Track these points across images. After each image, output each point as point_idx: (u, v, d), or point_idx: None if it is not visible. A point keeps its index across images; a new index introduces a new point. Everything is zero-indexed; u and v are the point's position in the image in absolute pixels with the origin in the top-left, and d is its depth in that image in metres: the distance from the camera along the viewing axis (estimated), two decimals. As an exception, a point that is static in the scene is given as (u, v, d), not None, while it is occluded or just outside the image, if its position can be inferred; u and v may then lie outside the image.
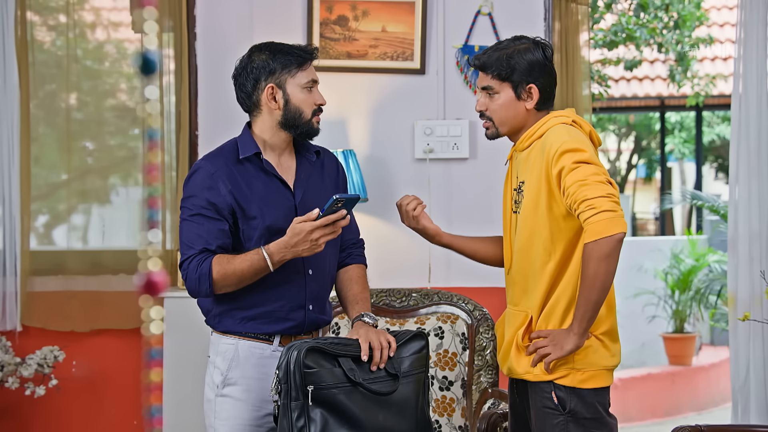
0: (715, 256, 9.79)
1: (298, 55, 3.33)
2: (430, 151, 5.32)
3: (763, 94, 5.20)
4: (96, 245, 5.62)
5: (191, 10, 5.46)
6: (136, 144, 5.77)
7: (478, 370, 4.32)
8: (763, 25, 5.23)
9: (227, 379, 3.32)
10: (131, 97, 5.74)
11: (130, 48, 5.76)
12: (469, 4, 5.38)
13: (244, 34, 5.43)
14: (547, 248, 3.24)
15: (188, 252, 3.23)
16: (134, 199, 5.78)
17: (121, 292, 5.42)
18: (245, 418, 3.31)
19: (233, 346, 3.32)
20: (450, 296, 4.44)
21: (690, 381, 9.61)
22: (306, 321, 3.34)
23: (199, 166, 3.34)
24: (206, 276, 3.19)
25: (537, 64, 3.28)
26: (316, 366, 3.10)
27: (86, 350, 5.46)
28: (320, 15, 5.36)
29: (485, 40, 5.37)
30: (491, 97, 3.32)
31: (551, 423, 3.24)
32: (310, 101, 3.34)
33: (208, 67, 5.47)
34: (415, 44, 5.34)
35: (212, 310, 3.36)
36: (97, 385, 5.48)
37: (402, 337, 3.32)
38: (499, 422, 3.86)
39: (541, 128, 3.29)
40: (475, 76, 5.35)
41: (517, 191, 3.37)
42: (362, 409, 3.15)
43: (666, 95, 12.57)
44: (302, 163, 3.43)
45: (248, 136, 3.38)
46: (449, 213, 5.35)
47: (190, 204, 3.27)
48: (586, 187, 3.06)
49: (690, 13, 9.85)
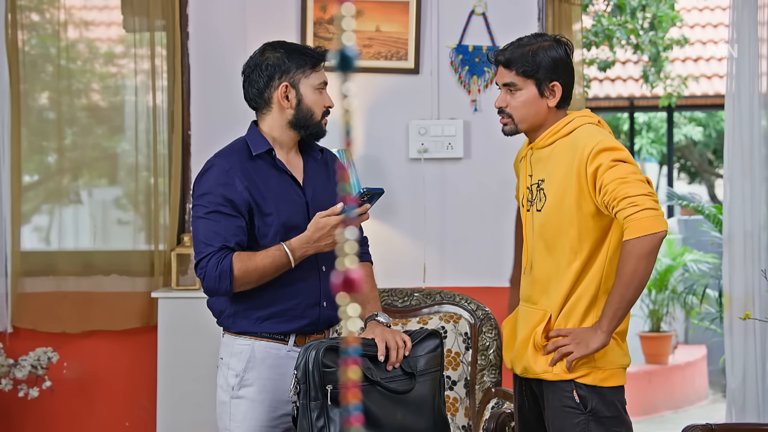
0: (692, 255, 9.86)
1: (312, 56, 3.32)
2: (424, 151, 5.32)
3: (755, 94, 5.24)
4: (88, 246, 5.56)
5: (183, 9, 5.43)
6: (109, 144, 5.71)
7: (481, 370, 4.32)
8: (755, 25, 5.27)
9: (243, 380, 3.30)
10: (104, 97, 5.68)
11: (103, 47, 5.69)
12: (462, 4, 5.39)
13: (237, 33, 5.41)
14: (573, 247, 3.23)
15: (206, 250, 3.20)
16: (106, 200, 5.71)
17: (113, 293, 5.38)
18: (261, 419, 3.29)
19: (249, 347, 3.30)
20: (452, 296, 4.44)
21: (666, 379, 9.67)
22: (320, 318, 3.33)
23: (212, 163, 3.32)
24: (227, 273, 3.16)
25: (561, 62, 3.28)
26: (335, 365, 3.09)
27: (78, 352, 5.41)
28: (314, 14, 5.34)
29: (479, 40, 5.38)
30: (513, 93, 3.31)
31: (572, 422, 3.24)
32: (321, 103, 3.34)
33: (201, 67, 5.44)
34: (409, 44, 5.34)
35: (225, 311, 3.33)
36: (88, 386, 5.43)
37: (417, 336, 3.32)
38: (507, 422, 3.86)
39: (566, 126, 3.28)
40: (469, 76, 5.36)
41: (532, 189, 3.36)
42: (381, 408, 3.15)
43: (638, 96, 12.65)
44: (308, 161, 3.43)
45: (257, 133, 3.37)
46: (444, 212, 5.36)
47: (206, 201, 3.25)
48: (627, 185, 3.06)
49: (665, 14, 9.91)
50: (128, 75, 5.53)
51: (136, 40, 5.45)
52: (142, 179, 5.46)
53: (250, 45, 5.38)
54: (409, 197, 5.33)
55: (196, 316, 5.10)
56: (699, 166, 17.47)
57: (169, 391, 5.11)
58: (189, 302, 5.13)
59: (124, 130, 5.60)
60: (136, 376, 5.41)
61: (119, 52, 5.65)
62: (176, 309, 5.13)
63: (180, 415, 5.10)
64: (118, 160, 5.68)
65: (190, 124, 5.42)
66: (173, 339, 5.11)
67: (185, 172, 5.41)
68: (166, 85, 5.42)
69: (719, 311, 8.34)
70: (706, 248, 9.81)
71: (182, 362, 5.10)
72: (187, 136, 5.42)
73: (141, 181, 5.47)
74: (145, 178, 5.45)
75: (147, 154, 5.42)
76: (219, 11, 5.45)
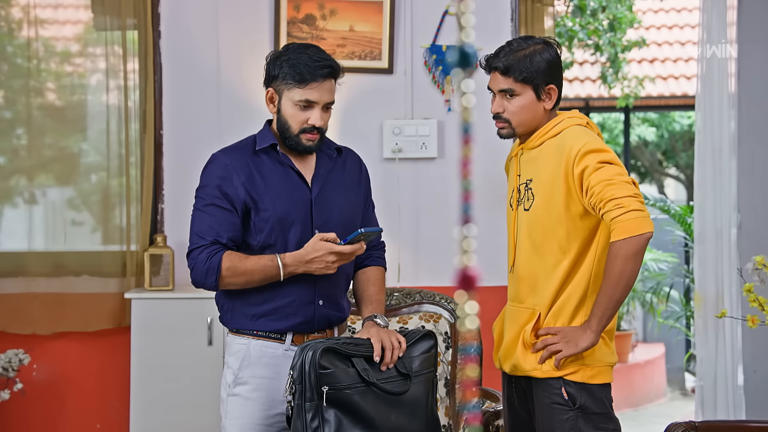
0: (651, 254, 9.95)
1: (300, 72, 3.21)
2: (398, 151, 5.33)
3: (725, 96, 5.30)
4: (59, 247, 5.49)
5: (155, 8, 5.38)
6: (66, 144, 5.64)
7: (461, 369, 4.32)
8: (724, 27, 5.33)
9: (238, 378, 3.29)
10: (60, 96, 5.61)
11: (58, 46, 5.61)
12: (436, 4, 5.40)
13: (210, 32, 5.38)
14: (562, 246, 3.27)
15: (198, 242, 3.24)
16: (61, 199, 5.65)
17: (84, 294, 5.32)
18: (255, 417, 3.28)
19: (245, 345, 3.30)
20: (432, 295, 4.44)
21: (626, 377, 9.74)
22: (316, 317, 3.31)
23: (215, 157, 3.35)
24: (214, 270, 3.19)
25: (554, 64, 3.31)
26: (331, 366, 3.09)
27: (48, 353, 5.35)
28: (287, 14, 5.32)
29: (453, 41, 5.39)
30: (510, 99, 3.33)
31: (560, 419, 3.27)
32: (300, 119, 3.25)
33: (173, 66, 5.40)
34: (383, 44, 5.34)
35: (225, 306, 3.35)
36: (59, 388, 5.37)
37: (411, 337, 3.32)
38: (491, 420, 3.87)
39: (554, 128, 3.31)
40: (443, 76, 5.37)
41: (520, 189, 3.38)
42: (375, 409, 3.15)
43: (595, 96, 12.74)
44: (322, 158, 3.40)
45: (267, 130, 3.37)
46: (417, 212, 5.37)
47: (204, 194, 3.28)
48: (613, 187, 3.09)
49: (624, 15, 10.00)
50: (97, 74, 5.47)
51: (108, 39, 5.40)
52: (114, 179, 5.41)
53: (223, 44, 5.37)
54: (383, 197, 5.32)
55: (169, 316, 5.08)
56: (650, 166, 17.63)
57: (142, 393, 5.07)
58: (163, 303, 5.09)
59: (95, 130, 5.53)
60: (108, 377, 5.36)
61: (87, 51, 5.57)
62: (150, 310, 5.09)
63: (153, 416, 5.06)
64: (89, 160, 5.62)
65: (162, 123, 5.38)
66: (147, 340, 5.07)
67: (158, 171, 5.37)
68: (138, 84, 5.37)
69: (684, 310, 8.42)
70: (667, 247, 9.90)
71: (156, 363, 5.07)
72: (160, 135, 5.38)
73: (113, 181, 5.41)
74: (117, 177, 5.40)
75: (119, 154, 5.37)
76: (191, 10, 5.41)
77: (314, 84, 3.23)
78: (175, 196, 5.37)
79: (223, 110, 5.38)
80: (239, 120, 5.32)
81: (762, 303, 4.07)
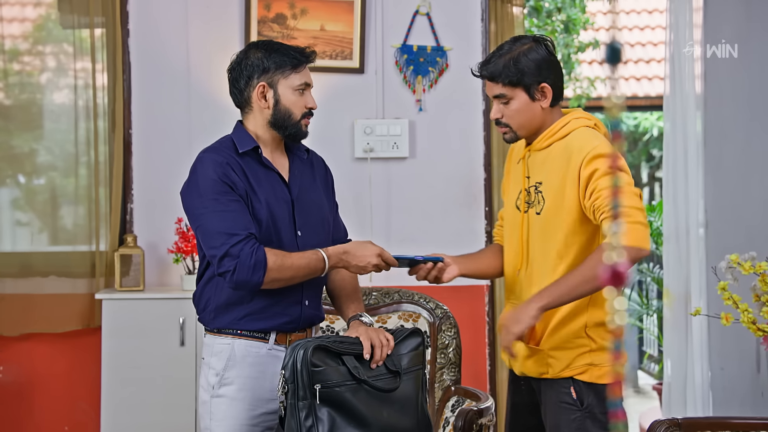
0: (606, 253, 10.00)
1: (294, 56, 3.28)
2: (370, 150, 5.33)
3: (691, 95, 5.36)
4: (25, 248, 5.42)
5: (124, 6, 5.34)
6: (47, 141, 5.57)
7: (440, 368, 4.33)
8: (690, 28, 5.39)
9: (223, 379, 3.26)
10: (8, 94, 5.52)
11: (7, 44, 5.53)
12: (407, 4, 5.41)
13: (179, 31, 5.35)
14: (560, 251, 3.24)
15: (232, 240, 3.10)
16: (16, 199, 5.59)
17: (52, 295, 5.26)
18: (241, 417, 3.25)
19: (229, 345, 3.26)
20: (411, 294, 4.45)
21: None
22: (302, 316, 3.30)
23: (204, 157, 3.24)
24: (262, 264, 3.09)
25: (544, 62, 3.26)
26: (322, 364, 3.08)
27: (15, 355, 5.28)
28: (258, 13, 5.31)
29: (423, 40, 5.40)
30: (505, 103, 3.29)
31: (568, 418, 3.27)
32: (301, 104, 3.30)
33: (142, 65, 5.36)
34: (354, 43, 5.34)
35: (209, 305, 3.27)
36: (26, 390, 5.31)
37: (399, 334, 3.32)
38: (474, 419, 3.88)
39: (561, 129, 3.28)
40: (414, 76, 5.38)
41: (530, 191, 3.33)
42: (367, 407, 3.14)
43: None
44: (294, 160, 3.40)
45: (243, 131, 3.32)
46: (389, 212, 5.37)
47: (212, 193, 3.15)
48: (621, 195, 3.06)
49: (578, 17, 10.09)
50: (67, 72, 5.41)
51: (76, 38, 5.34)
52: (81, 178, 5.36)
53: (192, 43, 5.34)
54: (354, 196, 5.33)
55: (141, 317, 5.04)
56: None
57: (113, 394, 5.02)
58: (134, 303, 5.05)
59: (61, 128, 5.46)
60: (77, 379, 5.30)
61: (37, 49, 5.51)
62: (121, 310, 5.05)
63: (124, 417, 5.02)
64: (49, 159, 5.55)
65: (132, 122, 5.34)
66: (118, 341, 5.02)
67: (126, 171, 5.32)
68: (107, 83, 5.32)
69: (644, 307, 8.50)
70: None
71: (127, 364, 5.02)
72: (129, 134, 5.33)
73: (81, 180, 5.36)
74: (85, 177, 5.34)
75: (87, 153, 5.32)
76: (160, 8, 5.37)
77: (304, 66, 3.30)
78: (145, 196, 5.33)
79: (193, 109, 5.35)
80: (209, 119, 5.29)
81: (736, 301, 4.12)
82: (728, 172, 5.44)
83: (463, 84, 5.42)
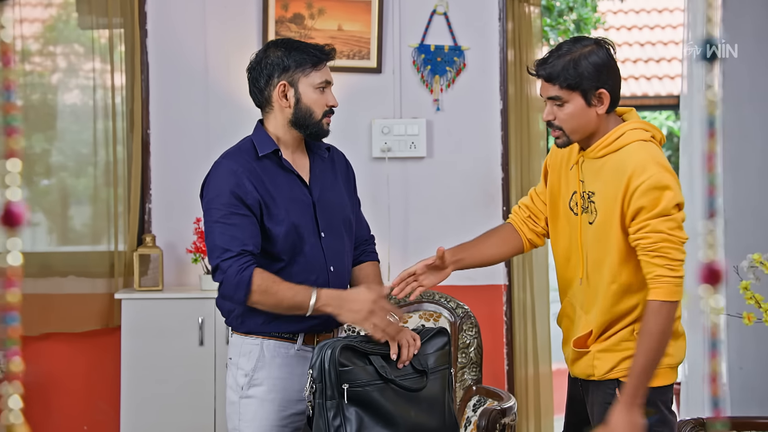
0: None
1: (314, 54, 3.27)
2: (387, 150, 5.33)
3: (709, 95, 5.35)
4: (44, 248, 5.43)
5: (142, 6, 5.34)
6: (66, 142, 5.57)
7: (462, 368, 4.33)
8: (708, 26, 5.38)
9: (253, 380, 3.25)
10: (19, 95, 5.53)
11: (17, 45, 5.52)
12: (424, 3, 5.42)
13: (197, 31, 5.36)
14: (613, 272, 3.16)
15: (224, 255, 3.13)
16: (63, 200, 5.59)
17: (71, 295, 5.27)
18: (271, 418, 3.25)
19: (258, 346, 3.26)
20: (432, 294, 4.44)
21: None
22: (330, 318, 3.30)
23: (219, 164, 3.25)
24: (245, 284, 3.10)
25: (604, 67, 3.09)
26: (350, 364, 3.07)
27: (35, 355, 5.29)
28: (276, 13, 5.31)
29: (441, 40, 5.40)
30: (559, 106, 3.11)
31: None
32: (322, 102, 3.29)
33: (160, 65, 5.37)
34: (372, 43, 5.34)
35: (234, 311, 3.27)
36: (46, 390, 5.31)
37: (425, 334, 3.31)
38: (498, 419, 3.88)
39: (616, 141, 3.13)
40: (431, 75, 5.38)
41: (584, 197, 3.22)
42: (395, 406, 3.14)
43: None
44: (315, 159, 3.39)
45: (263, 133, 3.31)
46: (406, 211, 5.37)
47: (219, 204, 3.17)
48: (671, 245, 3.00)
49: (589, 16, 10.09)
50: (86, 73, 5.41)
51: (95, 39, 5.35)
52: (99, 178, 5.36)
53: (210, 43, 5.35)
54: (372, 196, 5.32)
55: (160, 317, 5.04)
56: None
57: (133, 394, 5.03)
58: (153, 303, 5.06)
59: (82, 128, 5.47)
60: (96, 378, 5.31)
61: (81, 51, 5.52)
62: (140, 310, 5.05)
63: (144, 417, 5.02)
64: (75, 159, 5.55)
65: (150, 122, 5.34)
66: (137, 341, 5.03)
67: (145, 171, 5.33)
68: (125, 84, 5.32)
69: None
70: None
71: (146, 364, 5.03)
72: (147, 134, 5.34)
73: (99, 180, 5.36)
74: (103, 177, 5.34)
75: (105, 153, 5.32)
76: (178, 8, 5.38)
77: (324, 64, 3.29)
78: (163, 196, 5.33)
79: (211, 109, 5.35)
80: (227, 118, 5.30)
81: (759, 300, 4.12)
82: (747, 171, 5.43)
83: (480, 83, 5.42)
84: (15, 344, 1.19)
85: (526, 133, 5.45)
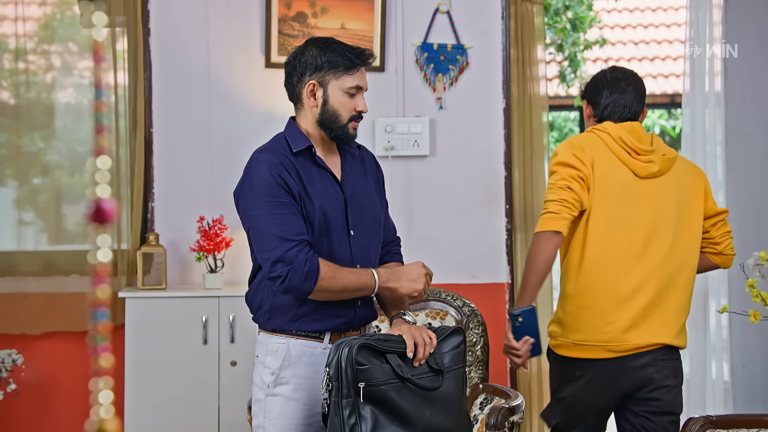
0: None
1: (349, 58, 3.24)
2: (391, 149, 5.33)
3: (711, 92, 5.36)
4: (46, 247, 5.41)
5: (145, 5, 5.33)
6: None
7: (468, 366, 4.34)
8: (710, 25, 5.40)
9: (279, 378, 3.25)
10: (14, 94, 5.50)
11: (11, 43, 5.51)
12: (427, 2, 5.42)
13: (200, 30, 5.35)
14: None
15: (286, 245, 3.09)
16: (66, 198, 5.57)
17: (74, 293, 5.26)
18: (297, 417, 3.25)
19: (284, 345, 3.25)
20: (438, 292, 4.45)
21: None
22: (356, 317, 3.30)
23: (258, 158, 3.23)
24: (315, 272, 3.08)
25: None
26: (367, 363, 3.07)
27: (38, 353, 5.28)
28: (279, 11, 5.30)
29: (444, 38, 5.41)
30: None
31: None
32: (350, 106, 3.26)
33: (163, 64, 5.36)
34: (375, 41, 5.34)
35: (263, 307, 3.27)
36: (49, 388, 5.30)
37: (441, 333, 3.31)
38: (507, 416, 3.89)
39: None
40: (434, 74, 5.39)
41: None
42: (411, 405, 3.13)
43: (551, 95, 12.81)
44: (346, 157, 3.38)
45: (296, 130, 3.30)
46: (410, 210, 5.37)
47: (267, 195, 3.14)
48: (548, 191, 3.95)
49: (585, 15, 10.09)
50: (87, 71, 5.40)
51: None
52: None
53: (213, 41, 5.34)
54: (375, 195, 5.32)
55: (163, 316, 5.03)
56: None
57: (136, 392, 5.02)
58: (156, 302, 5.04)
59: (81, 126, 5.46)
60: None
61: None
62: (143, 309, 5.04)
63: (147, 415, 5.01)
64: (76, 157, 5.54)
65: (153, 121, 5.33)
66: (140, 339, 5.02)
67: (148, 169, 5.32)
68: (128, 83, 5.31)
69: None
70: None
71: (150, 362, 5.02)
72: (150, 133, 5.33)
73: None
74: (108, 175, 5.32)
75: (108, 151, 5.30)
76: (181, 7, 5.37)
77: (358, 68, 3.26)
78: (166, 195, 5.32)
79: (213, 107, 5.34)
80: (229, 117, 5.29)
81: (765, 298, 4.13)
82: (750, 169, 5.45)
83: (483, 82, 5.42)
84: (105, 340, 1.21)
85: (528, 131, 5.46)
